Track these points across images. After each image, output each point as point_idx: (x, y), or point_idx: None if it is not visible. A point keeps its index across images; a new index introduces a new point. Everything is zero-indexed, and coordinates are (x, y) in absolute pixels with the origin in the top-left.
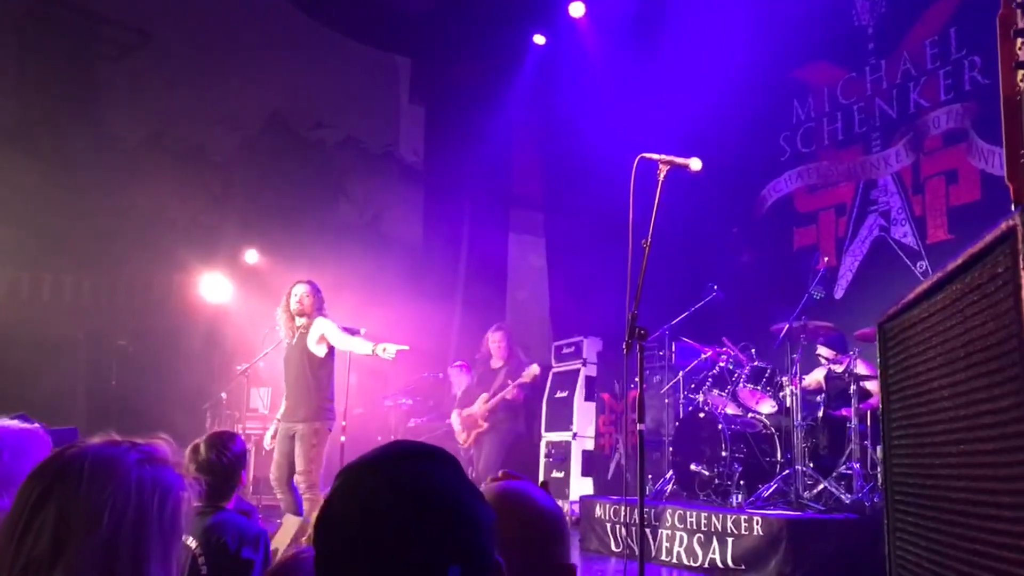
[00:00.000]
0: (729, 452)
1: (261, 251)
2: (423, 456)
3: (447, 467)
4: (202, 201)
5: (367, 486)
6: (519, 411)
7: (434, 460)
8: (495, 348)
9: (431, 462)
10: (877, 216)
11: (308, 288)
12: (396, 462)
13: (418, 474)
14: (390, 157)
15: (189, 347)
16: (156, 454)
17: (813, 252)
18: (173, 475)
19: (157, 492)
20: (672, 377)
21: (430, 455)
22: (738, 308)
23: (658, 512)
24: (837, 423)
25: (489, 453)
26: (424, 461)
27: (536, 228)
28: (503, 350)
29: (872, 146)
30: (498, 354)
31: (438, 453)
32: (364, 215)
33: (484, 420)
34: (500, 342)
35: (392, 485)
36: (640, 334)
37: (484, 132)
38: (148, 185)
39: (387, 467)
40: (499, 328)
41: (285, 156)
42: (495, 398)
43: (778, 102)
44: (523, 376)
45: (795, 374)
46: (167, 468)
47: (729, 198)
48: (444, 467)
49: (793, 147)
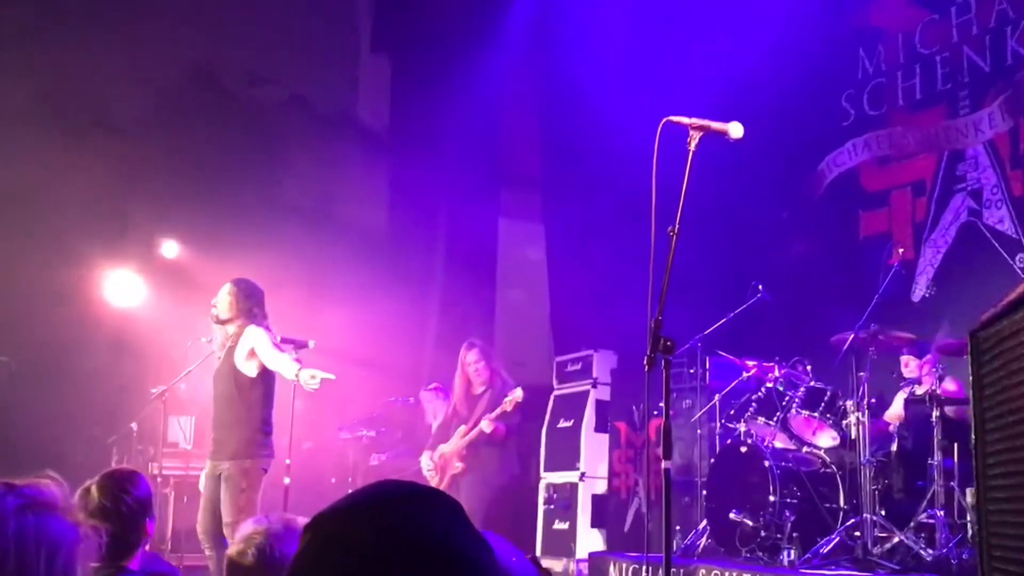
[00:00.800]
0: (779, 496)
1: (181, 242)
2: (416, 499)
3: (447, 513)
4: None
5: (349, 539)
6: (507, 445)
7: (430, 504)
8: (472, 371)
9: (426, 506)
10: (965, 196)
11: (231, 288)
12: (383, 507)
13: (413, 522)
14: (346, 121)
15: (90, 364)
16: (41, 498)
17: (884, 242)
18: (63, 525)
19: (43, 546)
20: (706, 401)
21: (425, 498)
22: (789, 313)
23: (689, 573)
24: (915, 459)
25: (469, 502)
26: (418, 504)
27: (533, 212)
28: (482, 371)
29: (959, 107)
30: (477, 377)
31: (434, 496)
32: (313, 195)
33: (459, 460)
34: (477, 362)
35: (381, 536)
36: (666, 346)
37: (467, 89)
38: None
39: (374, 514)
40: (471, 345)
41: (211, 121)
42: (471, 431)
43: (840, 52)
44: (503, 404)
45: (862, 397)
46: (55, 516)
47: (778, 174)
48: (444, 513)
49: (859, 109)
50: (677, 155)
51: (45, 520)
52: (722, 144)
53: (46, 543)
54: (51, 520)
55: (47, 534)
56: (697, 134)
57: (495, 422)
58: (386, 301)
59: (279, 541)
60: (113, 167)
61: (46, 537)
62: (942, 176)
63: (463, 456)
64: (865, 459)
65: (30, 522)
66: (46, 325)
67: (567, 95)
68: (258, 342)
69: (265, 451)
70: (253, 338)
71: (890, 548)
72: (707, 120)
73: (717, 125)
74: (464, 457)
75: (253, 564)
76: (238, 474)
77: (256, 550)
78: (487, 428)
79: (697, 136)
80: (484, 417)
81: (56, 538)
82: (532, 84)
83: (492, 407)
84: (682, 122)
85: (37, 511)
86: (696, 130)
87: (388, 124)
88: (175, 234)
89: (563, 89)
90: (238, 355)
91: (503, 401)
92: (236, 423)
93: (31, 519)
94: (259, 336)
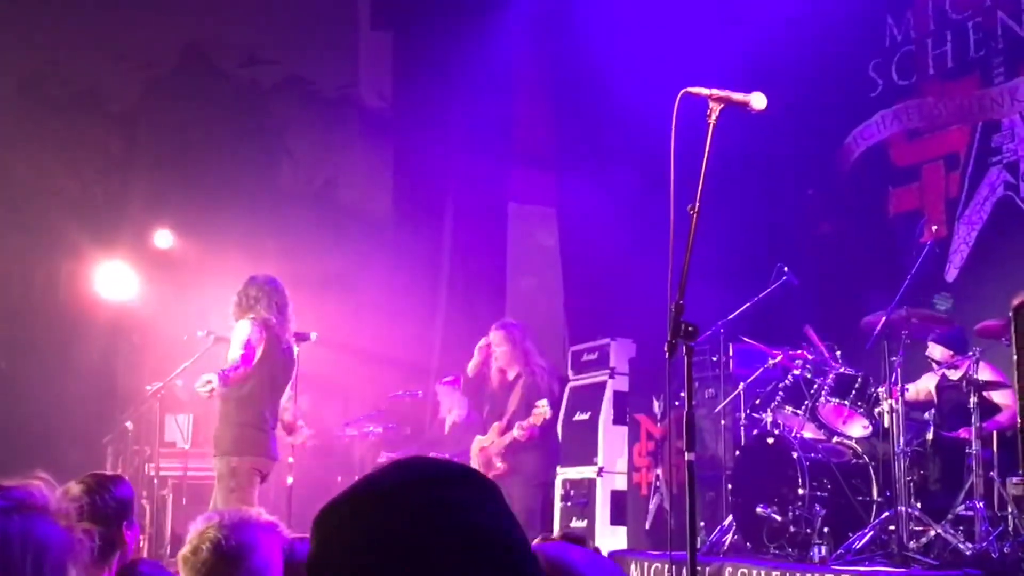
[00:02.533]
0: (808, 490)
1: (176, 231)
2: (454, 481)
3: (487, 495)
4: (97, 165)
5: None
6: (546, 441)
7: (469, 485)
8: (501, 354)
9: (466, 488)
10: (1001, 170)
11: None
12: (418, 489)
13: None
14: (347, 101)
15: (83, 361)
16: (28, 501)
17: (916, 219)
18: (52, 528)
19: (29, 550)
20: (730, 391)
21: (462, 478)
22: (817, 296)
23: (714, 571)
24: (953, 449)
25: (520, 498)
26: (457, 487)
27: (545, 195)
28: (508, 355)
29: (994, 76)
30: (507, 361)
31: (471, 475)
32: (314, 180)
33: (501, 460)
34: (500, 345)
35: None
36: (687, 332)
37: (473, 66)
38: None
39: (408, 495)
40: (500, 327)
41: (206, 103)
42: (505, 437)
43: (866, 19)
44: (531, 418)
45: (895, 383)
46: (43, 519)
47: (803, 148)
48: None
49: (887, 79)
50: (697, 129)
51: (32, 522)
52: (744, 117)
53: (32, 546)
54: (39, 522)
55: (34, 536)
56: (717, 106)
57: (526, 430)
58: (391, 291)
59: (234, 531)
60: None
61: (33, 539)
62: (976, 149)
63: (503, 456)
64: (899, 449)
65: (15, 524)
66: (36, 320)
67: (579, 68)
68: (234, 334)
69: (254, 448)
70: (237, 328)
71: (927, 543)
72: (727, 91)
73: (738, 96)
74: (505, 457)
75: (208, 558)
76: (226, 472)
77: (211, 544)
78: (519, 435)
79: (717, 108)
80: (516, 424)
81: (44, 541)
82: (542, 58)
83: (528, 396)
84: (701, 93)
85: (24, 513)
86: (716, 102)
87: (391, 104)
88: (169, 223)
89: (575, 62)
90: (231, 349)
91: (534, 406)
92: (225, 418)
93: (17, 521)
94: (238, 329)
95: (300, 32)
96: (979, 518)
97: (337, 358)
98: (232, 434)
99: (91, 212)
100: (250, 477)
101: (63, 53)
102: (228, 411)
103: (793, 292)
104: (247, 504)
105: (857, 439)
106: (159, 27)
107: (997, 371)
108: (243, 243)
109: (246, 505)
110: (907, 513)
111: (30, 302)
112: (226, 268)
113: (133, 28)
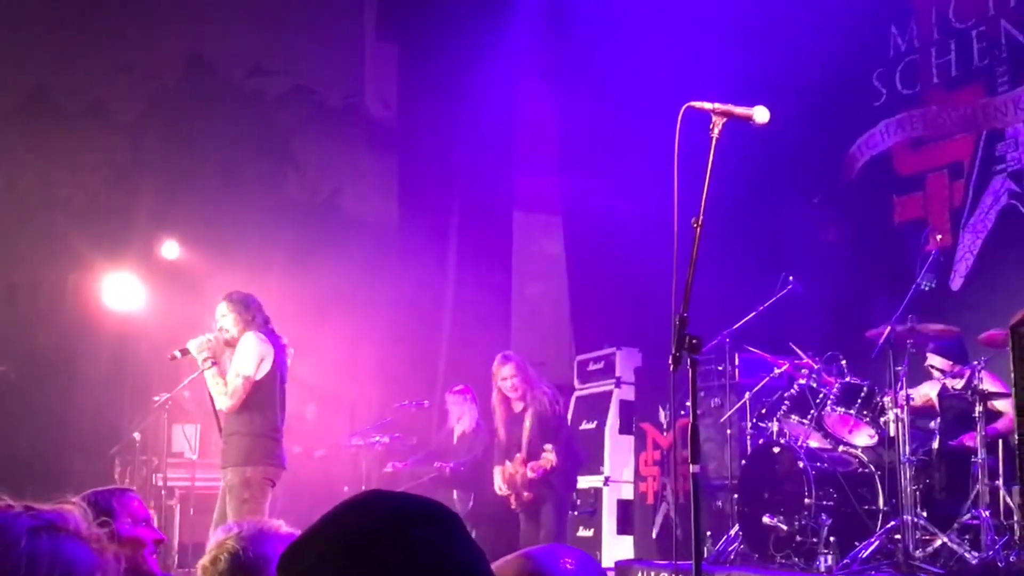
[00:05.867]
0: (814, 499)
1: (183, 242)
2: (436, 520)
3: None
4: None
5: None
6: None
7: (447, 525)
8: (508, 387)
9: (445, 528)
10: (1005, 179)
11: (228, 305)
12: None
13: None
14: (353, 111)
15: (90, 372)
16: (58, 522)
17: (921, 228)
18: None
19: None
20: (736, 400)
21: (442, 519)
22: (822, 306)
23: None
24: (958, 457)
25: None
26: (437, 526)
27: (551, 203)
28: (518, 387)
29: (998, 84)
30: (514, 393)
31: (446, 515)
32: (319, 190)
33: (527, 490)
34: (513, 377)
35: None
36: (692, 345)
37: (478, 76)
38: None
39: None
40: (506, 359)
41: (212, 113)
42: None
43: (870, 28)
44: (541, 461)
45: (900, 392)
46: (72, 540)
47: (807, 159)
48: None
49: (891, 88)
50: (700, 141)
51: (61, 544)
52: (747, 127)
53: (60, 566)
54: (67, 544)
55: (63, 558)
56: (720, 120)
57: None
58: (397, 300)
59: (252, 544)
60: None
61: (61, 560)
62: (980, 158)
63: (529, 487)
64: (905, 458)
65: (44, 544)
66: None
67: (584, 79)
68: (241, 346)
69: (270, 460)
70: (243, 342)
71: (933, 551)
72: (730, 105)
73: (741, 110)
74: (531, 487)
75: (227, 569)
76: (239, 483)
77: (228, 555)
78: (532, 476)
79: (720, 122)
80: (528, 465)
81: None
82: (547, 68)
83: (539, 425)
84: (704, 108)
85: (52, 534)
86: (719, 116)
87: (396, 114)
88: (175, 233)
89: (580, 72)
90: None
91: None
92: (237, 429)
93: (45, 541)
94: (246, 341)
95: (306, 42)
96: (985, 527)
97: (343, 368)
98: (245, 444)
99: (98, 222)
100: (263, 487)
101: (70, 64)
102: (241, 421)
103: (798, 301)
104: (260, 514)
105: (863, 448)
106: (165, 37)
107: (999, 380)
108: (249, 253)
109: (259, 515)
110: (913, 522)
111: (37, 313)
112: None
113: (139, 38)
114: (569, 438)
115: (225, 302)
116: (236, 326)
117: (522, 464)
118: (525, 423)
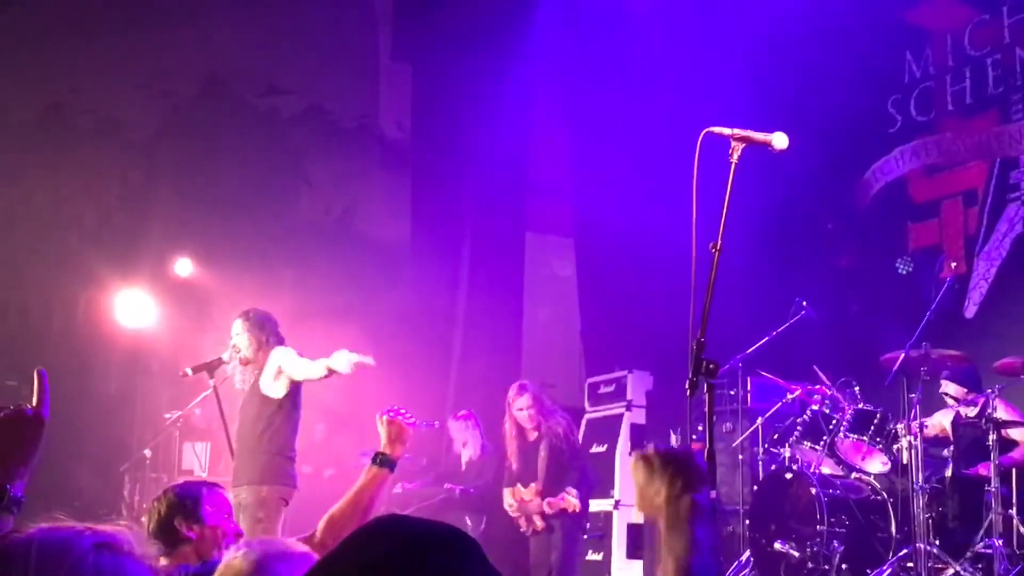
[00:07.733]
0: (826, 526)
1: (196, 260)
2: (454, 546)
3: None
4: (117, 193)
5: None
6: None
7: (464, 550)
8: (524, 418)
9: (463, 553)
10: (1020, 207)
11: (243, 324)
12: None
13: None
14: (366, 132)
15: (102, 389)
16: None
17: (935, 255)
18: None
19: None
20: (748, 425)
21: (460, 544)
22: (835, 331)
23: None
24: (971, 485)
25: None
26: (455, 552)
27: (562, 224)
28: (535, 417)
29: (1012, 112)
30: (530, 423)
31: (464, 540)
32: (332, 209)
33: (541, 519)
34: (530, 407)
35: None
36: (709, 369)
37: (491, 98)
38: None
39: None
40: (523, 389)
41: (226, 132)
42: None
43: (885, 54)
44: (563, 502)
45: (914, 419)
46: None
47: (822, 185)
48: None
49: (906, 115)
50: (718, 166)
51: (122, 561)
52: (765, 155)
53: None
54: (128, 562)
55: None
56: (739, 145)
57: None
58: (408, 320)
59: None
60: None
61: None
62: (995, 185)
63: (544, 517)
64: (918, 485)
65: (106, 560)
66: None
67: (598, 101)
68: (284, 359)
69: (285, 480)
70: (279, 357)
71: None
72: (749, 131)
73: (760, 136)
74: (545, 517)
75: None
76: (254, 503)
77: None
78: (549, 511)
79: (739, 147)
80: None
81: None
82: (561, 90)
83: (554, 456)
84: (723, 133)
85: (114, 551)
86: (738, 141)
87: (410, 135)
88: (188, 251)
89: (594, 95)
90: (264, 379)
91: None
92: (256, 448)
93: (107, 557)
94: (284, 354)
95: (320, 62)
96: (998, 556)
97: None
98: (262, 463)
99: (111, 240)
100: (278, 507)
101: (84, 82)
102: (260, 440)
103: (812, 327)
104: (273, 534)
105: (876, 475)
106: (180, 56)
107: (1014, 409)
108: (261, 272)
109: (272, 535)
110: (926, 550)
111: (49, 329)
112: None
113: (154, 57)
114: (583, 466)
115: (241, 319)
116: (250, 345)
117: (537, 494)
118: (540, 453)
